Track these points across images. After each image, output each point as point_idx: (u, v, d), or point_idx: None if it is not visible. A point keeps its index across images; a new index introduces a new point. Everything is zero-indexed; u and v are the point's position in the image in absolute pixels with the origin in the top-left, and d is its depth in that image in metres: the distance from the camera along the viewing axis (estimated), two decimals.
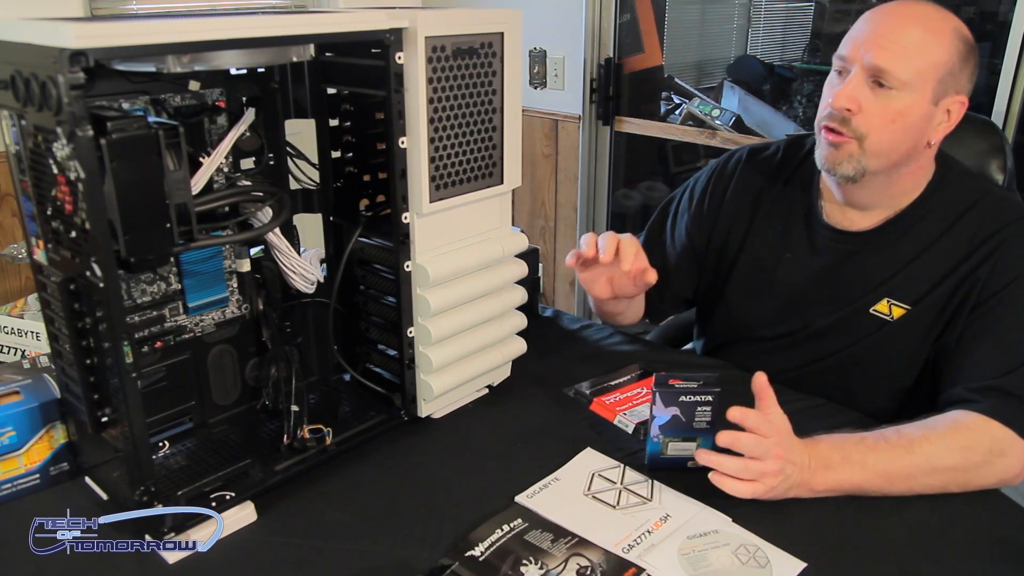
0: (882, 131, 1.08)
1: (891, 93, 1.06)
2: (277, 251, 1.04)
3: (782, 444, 0.92)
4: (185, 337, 1.03)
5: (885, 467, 0.95)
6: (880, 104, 1.07)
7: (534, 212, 3.07)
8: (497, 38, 1.03)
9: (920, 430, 0.99)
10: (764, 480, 0.92)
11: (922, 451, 0.96)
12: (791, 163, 1.29)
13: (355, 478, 1.01)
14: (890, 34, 1.06)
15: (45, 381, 0.99)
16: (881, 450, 0.96)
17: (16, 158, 0.84)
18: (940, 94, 1.08)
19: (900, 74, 1.05)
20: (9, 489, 0.94)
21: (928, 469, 0.96)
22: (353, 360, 1.18)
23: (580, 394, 1.17)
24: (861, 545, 0.89)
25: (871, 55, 1.06)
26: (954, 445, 0.97)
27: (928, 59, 1.05)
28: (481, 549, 0.86)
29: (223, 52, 0.85)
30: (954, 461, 0.97)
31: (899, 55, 1.05)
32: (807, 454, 0.94)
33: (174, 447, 1.02)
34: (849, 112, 1.08)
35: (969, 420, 1.00)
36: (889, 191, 1.16)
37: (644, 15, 2.87)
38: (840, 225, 1.20)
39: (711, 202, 1.34)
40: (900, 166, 1.12)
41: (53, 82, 0.70)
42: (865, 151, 1.09)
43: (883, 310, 1.16)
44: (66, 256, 0.82)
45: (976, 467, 0.97)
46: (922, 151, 1.12)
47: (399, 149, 0.98)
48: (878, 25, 1.08)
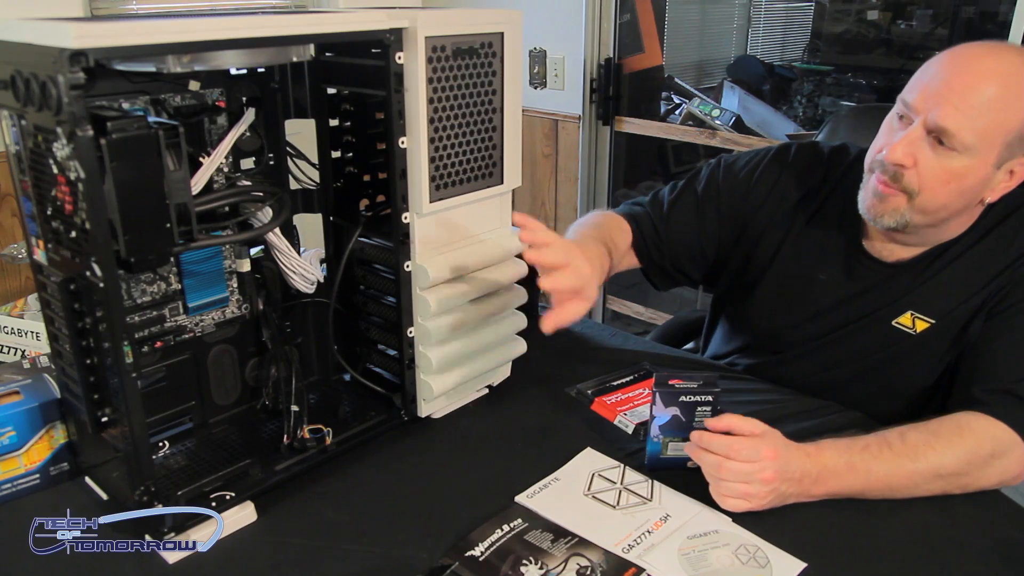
0: (935, 191, 1.01)
1: (952, 154, 0.98)
2: (277, 251, 1.04)
3: (774, 467, 0.90)
4: (185, 337, 1.02)
5: (888, 475, 0.94)
6: (938, 163, 0.99)
7: (534, 212, 3.07)
8: (497, 38, 1.02)
9: (925, 435, 0.97)
10: (752, 500, 0.91)
11: (926, 459, 0.95)
12: (834, 175, 1.21)
13: (355, 478, 1.01)
14: (965, 92, 0.96)
15: (45, 381, 0.99)
16: (885, 459, 0.94)
17: (16, 158, 0.84)
18: (1006, 157, 1.00)
19: (965, 138, 0.97)
20: (9, 489, 0.94)
21: (931, 476, 0.95)
22: (353, 360, 1.18)
23: (581, 394, 1.17)
24: (861, 545, 0.89)
25: (938, 112, 0.97)
26: (959, 451, 0.96)
27: (1000, 123, 0.97)
28: (481, 549, 0.86)
29: (223, 52, 0.85)
30: (958, 467, 0.95)
31: (968, 117, 0.96)
32: (808, 462, 0.93)
33: (174, 447, 1.02)
34: (902, 168, 1.01)
35: (974, 423, 0.98)
36: (935, 237, 1.10)
37: (644, 15, 2.88)
38: (880, 256, 1.15)
39: (755, 191, 1.26)
40: (949, 220, 1.07)
41: (53, 82, 0.70)
42: (913, 207, 1.03)
43: (906, 323, 1.12)
44: (66, 256, 0.82)
45: (978, 470, 0.96)
46: (975, 208, 1.07)
47: (399, 149, 0.98)
48: (953, 78, 0.98)
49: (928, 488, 0.95)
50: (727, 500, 0.91)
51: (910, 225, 1.05)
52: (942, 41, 2.65)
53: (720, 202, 1.28)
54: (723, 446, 0.91)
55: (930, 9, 2.82)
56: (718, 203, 1.28)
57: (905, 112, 1.02)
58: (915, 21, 2.85)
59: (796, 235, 1.22)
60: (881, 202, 1.05)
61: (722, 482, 0.91)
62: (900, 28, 2.88)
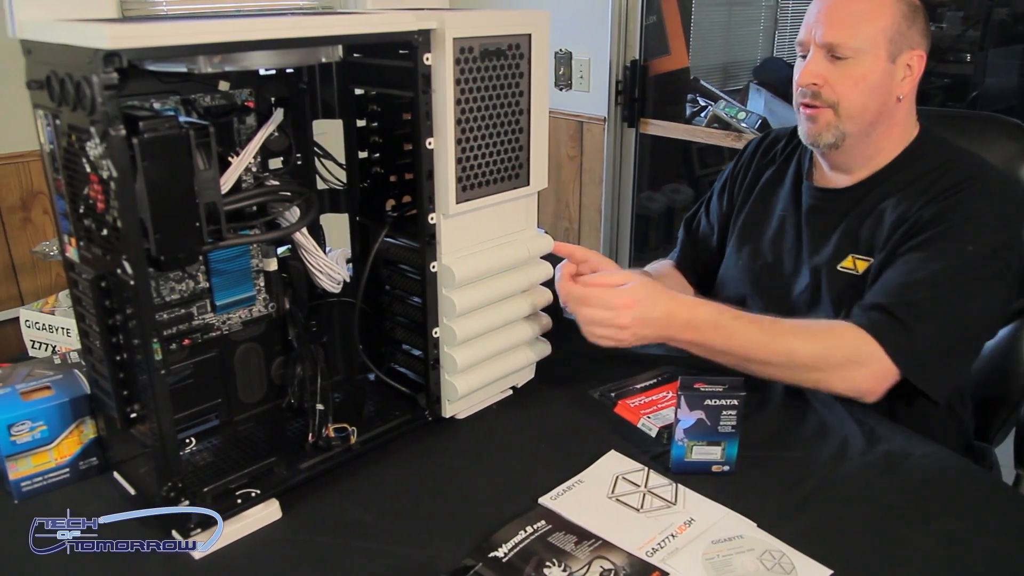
0: (850, 96, 1.18)
1: (848, 62, 1.17)
2: (304, 251, 1.05)
3: (631, 314, 1.06)
4: (212, 335, 1.03)
5: (746, 344, 1.07)
6: (841, 72, 1.17)
7: (558, 214, 3.07)
8: (525, 39, 1.03)
9: (795, 325, 1.09)
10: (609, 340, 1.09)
11: (785, 342, 1.07)
12: (791, 143, 1.40)
13: (379, 477, 1.01)
14: (835, 12, 1.17)
15: (75, 377, 1.00)
16: (750, 331, 1.08)
17: (50, 157, 0.85)
18: (895, 52, 1.17)
19: (851, 44, 1.16)
20: (40, 482, 0.95)
21: (785, 360, 1.07)
22: (378, 360, 1.18)
23: (604, 396, 1.17)
24: (888, 553, 0.88)
25: (821, 33, 1.17)
26: (816, 346, 1.07)
27: (874, 25, 1.16)
28: (504, 550, 0.86)
29: (254, 53, 0.85)
30: (811, 360, 1.07)
31: (846, 28, 1.16)
32: (681, 310, 1.08)
33: (200, 444, 1.03)
34: (816, 86, 1.19)
35: (844, 329, 1.09)
36: (868, 151, 1.24)
37: (670, 17, 2.86)
38: (820, 184, 1.30)
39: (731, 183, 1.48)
40: (876, 124, 1.21)
41: (87, 82, 0.71)
42: (841, 116, 1.19)
43: (849, 266, 1.22)
44: (97, 254, 0.83)
45: (831, 369, 1.07)
46: (894, 107, 1.21)
47: (426, 150, 0.98)
48: (823, 5, 1.19)
49: (781, 373, 1.09)
50: (591, 338, 1.10)
51: (848, 137, 1.21)
52: (973, 43, 2.61)
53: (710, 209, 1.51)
54: (582, 292, 1.09)
55: (961, 11, 2.78)
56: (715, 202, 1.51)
57: (802, 51, 1.23)
58: (945, 23, 2.81)
59: (759, 192, 1.41)
60: (814, 123, 1.21)
61: (585, 325, 1.10)
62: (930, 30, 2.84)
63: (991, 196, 1.14)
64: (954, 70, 2.66)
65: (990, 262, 1.10)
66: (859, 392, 1.09)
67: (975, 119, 1.46)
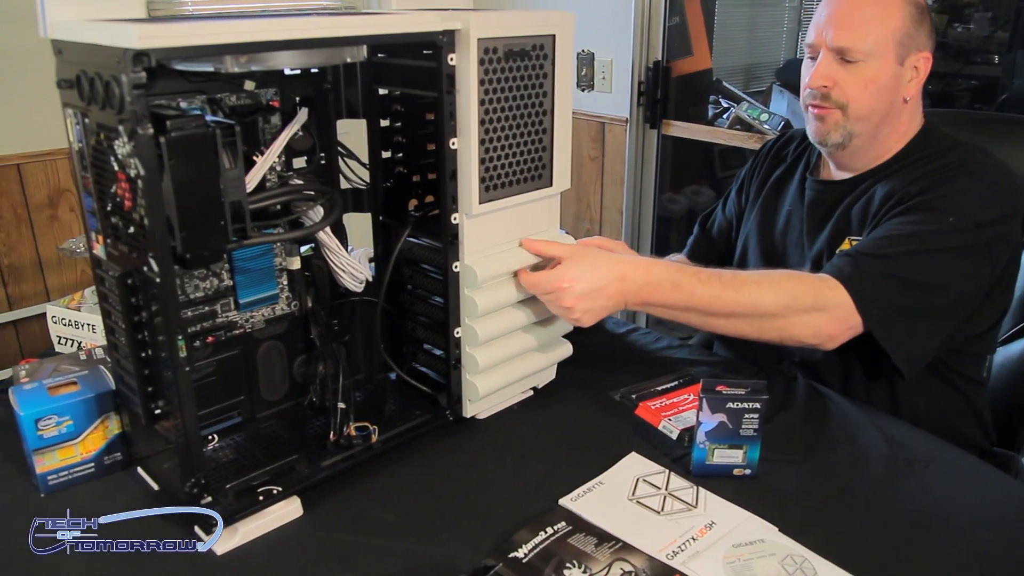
0: (859, 97, 1.19)
1: (859, 65, 1.18)
2: (327, 250, 1.05)
3: (573, 292, 1.04)
4: (235, 333, 1.04)
5: (709, 300, 1.06)
6: (851, 75, 1.19)
7: (579, 215, 3.06)
8: (549, 40, 1.02)
9: (757, 276, 1.10)
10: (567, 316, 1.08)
11: (748, 293, 1.06)
12: (805, 141, 1.39)
13: (400, 476, 1.01)
14: (846, 15, 1.18)
15: (101, 372, 1.01)
16: (711, 285, 1.06)
17: (79, 155, 0.86)
18: (903, 55, 1.19)
19: (861, 47, 1.17)
20: (66, 476, 0.97)
21: (750, 311, 1.06)
22: (399, 359, 1.19)
23: (625, 398, 1.17)
24: (913, 559, 0.87)
25: (832, 37, 1.18)
26: (780, 293, 1.06)
27: (884, 28, 1.17)
28: (524, 551, 0.86)
29: (279, 53, 0.86)
30: (775, 307, 1.06)
31: (856, 31, 1.17)
32: (635, 272, 1.06)
33: (223, 441, 1.04)
34: (826, 88, 1.20)
35: (808, 277, 1.11)
36: (875, 151, 1.25)
37: (693, 18, 2.85)
38: (822, 178, 1.33)
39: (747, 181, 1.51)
40: (882, 125, 1.22)
41: (116, 81, 0.72)
42: (849, 117, 1.21)
43: (846, 248, 1.21)
44: (124, 251, 0.84)
45: (795, 315, 1.06)
46: (900, 108, 1.22)
47: (449, 150, 0.99)
48: (833, 8, 1.20)
49: (746, 325, 1.08)
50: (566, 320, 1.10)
51: (855, 137, 1.22)
52: (1002, 45, 2.58)
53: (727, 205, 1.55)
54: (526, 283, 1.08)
55: (988, 12, 2.75)
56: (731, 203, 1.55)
57: (811, 52, 1.23)
58: (973, 24, 2.77)
59: (767, 193, 1.42)
60: (822, 122, 1.23)
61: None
62: (957, 31, 2.80)
63: (980, 178, 1.15)
64: (982, 72, 2.63)
65: (970, 234, 1.10)
66: (820, 338, 1.08)
67: (1004, 122, 1.44)
